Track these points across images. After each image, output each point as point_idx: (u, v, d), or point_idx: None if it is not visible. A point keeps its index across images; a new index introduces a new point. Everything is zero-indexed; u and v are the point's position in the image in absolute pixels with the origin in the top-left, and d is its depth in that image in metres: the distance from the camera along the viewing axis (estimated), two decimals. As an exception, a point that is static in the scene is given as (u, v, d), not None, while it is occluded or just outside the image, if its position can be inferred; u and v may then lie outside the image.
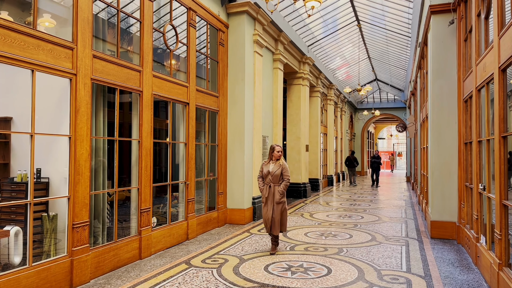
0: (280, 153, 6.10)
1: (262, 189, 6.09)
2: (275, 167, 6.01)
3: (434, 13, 7.25)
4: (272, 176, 5.99)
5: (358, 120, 27.47)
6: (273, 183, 5.98)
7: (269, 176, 6.00)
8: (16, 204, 4.93)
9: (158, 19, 7.64)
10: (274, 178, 5.98)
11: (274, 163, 6.07)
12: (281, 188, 5.94)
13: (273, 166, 6.04)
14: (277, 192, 5.93)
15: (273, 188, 5.96)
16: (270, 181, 6.00)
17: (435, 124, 7.33)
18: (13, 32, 3.94)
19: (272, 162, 6.11)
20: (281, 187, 5.95)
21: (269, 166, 6.08)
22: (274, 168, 6.01)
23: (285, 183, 5.98)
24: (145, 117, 5.91)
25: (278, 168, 5.98)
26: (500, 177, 4.22)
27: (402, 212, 10.33)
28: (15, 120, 5.75)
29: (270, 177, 5.99)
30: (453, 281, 4.85)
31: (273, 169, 6.01)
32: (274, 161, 6.09)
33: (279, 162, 6.05)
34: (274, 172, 5.98)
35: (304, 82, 13.14)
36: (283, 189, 5.95)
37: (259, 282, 4.69)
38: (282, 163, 6.05)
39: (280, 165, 6.01)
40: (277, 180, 5.98)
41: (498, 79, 4.27)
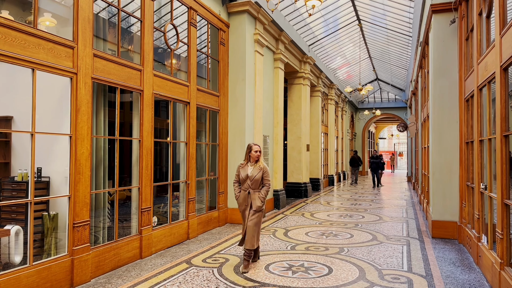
0: (258, 154, 5.31)
1: (238, 195, 5.30)
2: (254, 171, 5.24)
3: (435, 12, 7.23)
4: (251, 181, 5.22)
5: (359, 120, 27.44)
6: (252, 188, 5.22)
7: (248, 181, 5.24)
8: (17, 203, 4.93)
9: (159, 18, 7.64)
10: (254, 183, 5.22)
11: (253, 166, 5.29)
12: (262, 194, 5.20)
13: (253, 169, 5.26)
14: (258, 198, 5.18)
15: (253, 194, 5.21)
16: (249, 186, 5.23)
17: (436, 124, 7.31)
18: (13, 31, 3.94)
19: (251, 164, 5.31)
20: (262, 193, 5.21)
21: (247, 169, 5.28)
22: (254, 172, 5.23)
23: (266, 189, 5.25)
24: (146, 116, 5.91)
25: (259, 172, 5.22)
26: (502, 176, 4.20)
27: (403, 212, 10.32)
28: (16, 119, 5.75)
29: (249, 182, 5.23)
30: (454, 280, 4.84)
31: (252, 173, 5.23)
32: (253, 163, 5.30)
33: (258, 164, 5.28)
34: (254, 177, 5.21)
35: (305, 81, 13.13)
36: (264, 196, 5.22)
37: (260, 282, 4.68)
38: (262, 165, 5.29)
39: (260, 168, 5.25)
40: (257, 185, 5.23)
41: (500, 78, 4.25)
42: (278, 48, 10.48)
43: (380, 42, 15.47)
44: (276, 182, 10.49)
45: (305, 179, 13.24)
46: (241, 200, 5.28)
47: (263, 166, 5.30)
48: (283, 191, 10.93)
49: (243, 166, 5.37)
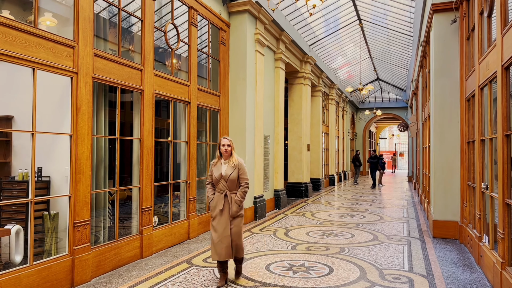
0: (226, 148, 4.62)
1: (211, 198, 4.65)
2: (229, 169, 4.58)
3: (436, 12, 7.22)
4: (226, 181, 4.56)
5: (359, 120, 27.43)
6: (229, 190, 4.59)
7: (222, 181, 4.58)
8: (17, 203, 4.93)
9: (159, 18, 7.63)
10: (230, 184, 4.57)
11: (227, 164, 4.62)
12: (239, 197, 4.56)
13: (227, 168, 4.60)
14: (235, 202, 4.55)
15: (230, 197, 4.57)
16: (225, 187, 4.58)
17: (437, 123, 7.30)
18: (14, 31, 3.94)
19: (224, 162, 4.65)
20: (238, 195, 4.56)
21: (220, 168, 4.63)
22: (228, 170, 4.58)
23: (243, 190, 4.60)
24: (147, 116, 5.90)
25: (233, 170, 4.57)
26: (503, 176, 4.19)
27: (404, 212, 10.31)
28: (16, 119, 5.75)
29: (224, 183, 4.57)
30: (455, 280, 4.83)
31: (227, 172, 4.57)
32: (227, 161, 4.64)
33: (232, 161, 4.62)
34: (228, 176, 4.55)
35: (305, 81, 13.12)
36: (241, 198, 4.58)
37: (260, 281, 4.67)
38: (237, 162, 4.61)
39: (235, 166, 4.59)
40: (234, 185, 4.60)
41: (501, 78, 4.24)
42: (278, 48, 10.47)
43: (381, 42, 15.45)
44: (277, 182, 10.48)
45: (306, 179, 13.23)
46: (214, 203, 4.61)
47: (238, 163, 4.60)
48: (284, 191, 10.92)
49: (215, 164, 4.71)
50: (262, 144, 9.29)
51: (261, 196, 9.10)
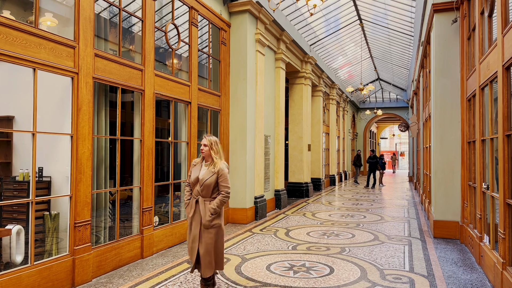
0: (202, 149, 4.08)
1: (186, 204, 4.17)
2: (207, 173, 4.00)
3: (437, 12, 7.21)
4: (201, 185, 3.99)
5: (360, 120, 27.42)
6: (202, 196, 4.01)
7: (197, 186, 4.03)
8: (18, 203, 4.94)
9: (160, 18, 7.63)
10: (204, 189, 3.99)
11: (207, 167, 4.06)
12: (214, 205, 3.95)
13: (205, 171, 4.03)
14: (208, 211, 3.97)
15: (203, 204, 4.00)
16: (199, 193, 4.03)
17: (438, 123, 7.29)
18: (15, 31, 3.94)
19: (205, 164, 4.10)
20: (214, 203, 3.95)
21: (198, 170, 4.10)
22: (206, 174, 3.99)
23: (222, 198, 3.98)
24: (147, 116, 5.91)
25: (212, 175, 3.97)
26: (504, 176, 4.19)
27: (405, 212, 10.30)
28: (17, 119, 5.75)
29: (198, 187, 4.02)
30: (456, 280, 4.83)
31: (204, 176, 3.99)
32: (208, 164, 4.08)
33: (214, 164, 4.03)
34: (204, 181, 3.97)
35: (306, 81, 13.12)
36: (217, 207, 3.95)
37: (261, 282, 4.67)
38: (219, 167, 4.01)
39: (215, 171, 3.99)
40: (209, 192, 4.00)
41: (502, 77, 4.24)
42: (279, 48, 10.47)
43: (382, 42, 15.44)
44: (278, 182, 10.49)
45: (307, 179, 13.23)
46: (188, 209, 4.12)
47: (219, 167, 4.00)
48: (285, 191, 10.92)
49: (196, 164, 4.18)
50: (263, 144, 9.29)
51: (261, 196, 9.11)
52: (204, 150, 4.07)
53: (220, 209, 4.00)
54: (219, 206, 3.98)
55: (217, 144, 4.11)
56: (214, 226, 4.00)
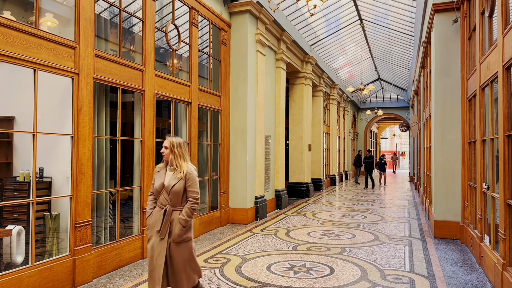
0: (165, 152, 3.63)
1: (149, 213, 3.64)
2: (173, 178, 3.55)
3: (437, 12, 7.21)
4: (169, 193, 3.53)
5: (361, 120, 27.41)
6: (172, 205, 3.53)
7: (163, 193, 3.55)
8: (19, 203, 4.94)
9: (160, 18, 7.64)
10: (173, 197, 3.52)
11: (172, 172, 3.60)
12: (184, 216, 3.46)
13: (171, 176, 3.58)
14: (178, 222, 3.47)
15: (171, 213, 3.51)
16: (166, 202, 3.53)
17: (439, 123, 7.29)
18: (15, 32, 3.95)
19: (170, 169, 3.63)
20: (184, 213, 3.47)
21: (163, 176, 3.63)
22: (172, 180, 3.55)
23: (191, 206, 3.50)
24: (148, 116, 5.91)
25: (179, 181, 3.52)
26: (504, 176, 4.18)
27: (405, 212, 10.29)
28: (18, 120, 5.76)
29: (166, 195, 3.54)
30: (456, 281, 4.82)
31: (170, 182, 3.55)
32: (173, 168, 3.61)
33: (180, 168, 3.57)
34: (171, 187, 3.52)
35: (306, 81, 13.12)
36: (187, 217, 3.47)
37: (261, 282, 4.67)
38: (185, 170, 3.55)
39: (182, 176, 3.53)
40: (178, 200, 3.53)
41: (502, 78, 4.23)
42: (279, 48, 10.47)
43: (382, 42, 15.44)
44: (278, 182, 10.49)
45: (307, 179, 13.22)
46: (151, 221, 3.57)
47: (186, 171, 3.54)
48: (285, 191, 10.92)
49: (159, 170, 3.71)
50: (263, 144, 9.29)
51: (262, 196, 9.11)
52: (165, 153, 3.64)
53: (191, 218, 3.51)
54: (189, 215, 3.48)
55: (180, 146, 3.61)
56: (185, 240, 3.51)
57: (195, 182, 3.57)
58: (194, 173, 3.61)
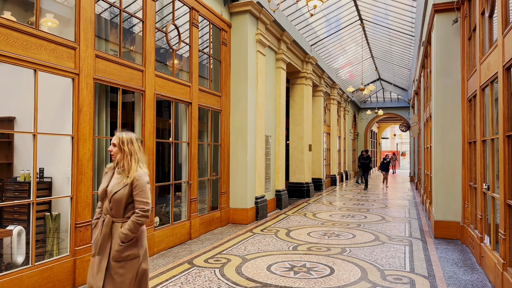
0: (113, 150, 3.02)
1: (94, 224, 3.02)
2: (117, 183, 2.92)
3: (437, 12, 7.21)
4: (111, 200, 2.90)
5: (361, 120, 27.40)
6: (112, 215, 2.91)
7: (106, 201, 2.95)
8: (19, 204, 4.95)
9: (160, 18, 7.65)
10: (114, 206, 2.89)
11: (120, 173, 2.96)
12: (125, 230, 2.82)
13: (115, 181, 2.94)
14: (118, 236, 2.84)
15: (111, 225, 2.89)
16: (107, 211, 2.92)
17: (439, 124, 7.29)
18: (15, 32, 3.95)
19: (118, 171, 2.99)
20: (125, 227, 2.83)
21: (108, 180, 3.01)
22: (115, 185, 2.91)
23: (136, 219, 2.83)
24: (148, 116, 5.91)
25: (123, 187, 2.88)
26: (505, 177, 4.18)
27: (406, 212, 10.29)
28: (18, 120, 5.77)
29: (107, 204, 2.92)
30: (457, 281, 4.82)
31: (113, 187, 2.91)
32: (121, 170, 2.96)
33: (128, 171, 2.92)
34: (113, 193, 2.88)
35: (307, 81, 13.11)
36: (129, 231, 2.82)
37: (261, 282, 4.68)
38: (133, 175, 2.90)
39: (127, 181, 2.89)
40: (120, 210, 2.89)
41: (503, 78, 4.23)
42: (280, 48, 10.47)
43: (383, 42, 15.44)
44: (278, 182, 10.49)
45: (308, 179, 13.22)
46: (94, 233, 2.98)
47: (134, 175, 2.90)
48: (285, 191, 10.92)
49: (107, 172, 3.10)
50: (264, 144, 9.30)
51: (262, 196, 9.11)
52: (112, 151, 3.02)
53: (135, 233, 2.85)
54: (132, 230, 2.82)
55: (132, 143, 3.00)
56: (128, 259, 2.85)
57: (144, 190, 2.90)
58: (144, 178, 2.93)
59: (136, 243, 2.92)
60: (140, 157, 3.02)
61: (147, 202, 2.90)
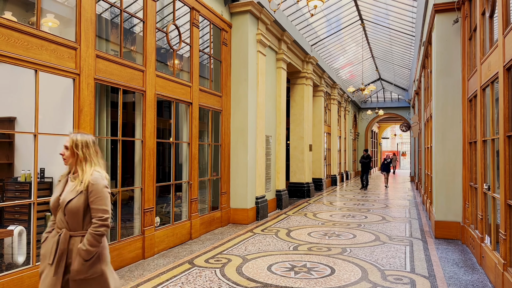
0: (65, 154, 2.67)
1: (44, 237, 2.67)
2: (70, 192, 2.56)
3: (438, 12, 7.21)
4: (65, 211, 2.54)
5: (361, 120, 27.39)
6: (69, 229, 2.54)
7: (60, 213, 2.58)
8: (20, 204, 4.95)
9: (161, 19, 7.65)
10: (69, 217, 2.53)
11: (74, 180, 2.61)
12: (86, 246, 2.47)
13: (69, 189, 2.59)
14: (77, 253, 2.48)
15: (67, 240, 2.52)
16: (62, 223, 2.55)
17: (439, 124, 7.29)
18: (16, 32, 3.96)
19: (72, 177, 2.64)
20: (85, 242, 2.47)
21: (61, 188, 2.66)
22: (68, 194, 2.56)
23: (94, 232, 2.49)
24: (148, 117, 5.92)
25: (77, 195, 2.53)
26: (505, 177, 4.18)
27: (406, 212, 10.29)
28: (19, 120, 5.78)
29: (61, 215, 2.56)
30: (457, 281, 4.82)
31: (66, 195, 2.56)
32: (75, 176, 2.63)
33: (82, 177, 2.58)
34: (66, 203, 2.52)
35: (307, 81, 13.12)
36: (91, 246, 2.48)
37: (262, 282, 4.68)
38: (88, 180, 2.56)
39: (80, 188, 2.54)
40: (78, 222, 2.55)
41: (503, 78, 4.23)
42: (280, 48, 10.47)
43: (383, 42, 15.43)
44: (279, 182, 10.49)
45: (308, 179, 13.22)
46: (44, 249, 2.62)
47: (88, 180, 2.56)
48: (286, 191, 10.93)
49: (61, 179, 2.74)
50: (264, 145, 9.30)
51: (263, 196, 9.11)
52: (64, 155, 2.66)
53: (97, 247, 2.51)
54: (93, 244, 2.48)
55: (87, 146, 2.67)
56: (92, 276, 2.52)
57: (101, 196, 2.55)
58: (101, 182, 2.58)
59: (99, 257, 2.57)
60: (96, 162, 2.68)
61: (106, 209, 2.56)
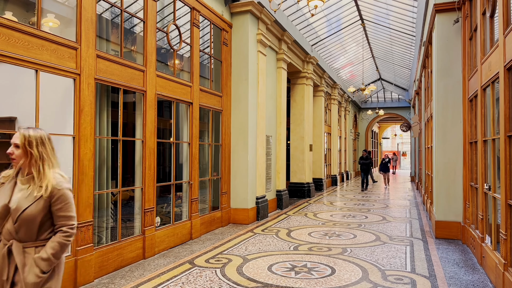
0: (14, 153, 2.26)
1: None
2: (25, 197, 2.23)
3: (438, 12, 7.20)
4: (15, 221, 2.20)
5: (362, 120, 27.38)
6: (18, 239, 2.23)
7: (8, 223, 2.23)
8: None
9: (161, 19, 7.65)
10: (22, 227, 2.21)
11: (26, 183, 2.27)
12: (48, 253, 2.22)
13: (22, 194, 2.24)
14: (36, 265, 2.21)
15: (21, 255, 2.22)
16: (11, 234, 2.22)
17: (440, 124, 7.28)
18: (16, 32, 3.96)
19: (23, 179, 2.28)
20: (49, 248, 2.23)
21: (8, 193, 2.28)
22: (23, 200, 2.22)
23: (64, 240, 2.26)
24: (149, 116, 5.92)
25: (35, 201, 2.21)
26: (506, 177, 4.18)
27: (407, 212, 10.29)
28: (20, 120, 5.76)
29: (10, 226, 2.22)
30: (458, 281, 4.82)
31: (19, 203, 2.21)
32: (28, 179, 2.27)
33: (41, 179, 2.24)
34: (21, 212, 2.19)
35: (307, 81, 13.11)
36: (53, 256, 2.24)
37: (262, 282, 4.68)
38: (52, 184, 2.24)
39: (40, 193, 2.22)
40: (32, 231, 2.23)
41: (504, 78, 4.23)
42: (281, 48, 10.47)
43: (384, 42, 15.43)
44: (279, 182, 10.49)
45: (308, 179, 13.22)
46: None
47: (52, 185, 2.24)
48: (286, 191, 10.93)
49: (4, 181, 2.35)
50: (264, 145, 9.30)
51: (263, 196, 9.11)
52: (14, 154, 2.25)
53: (59, 258, 2.27)
54: (57, 254, 2.22)
55: (43, 143, 2.30)
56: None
57: (69, 203, 2.27)
58: (67, 187, 2.30)
59: (56, 273, 2.33)
60: (55, 162, 2.34)
61: (74, 216, 2.30)
